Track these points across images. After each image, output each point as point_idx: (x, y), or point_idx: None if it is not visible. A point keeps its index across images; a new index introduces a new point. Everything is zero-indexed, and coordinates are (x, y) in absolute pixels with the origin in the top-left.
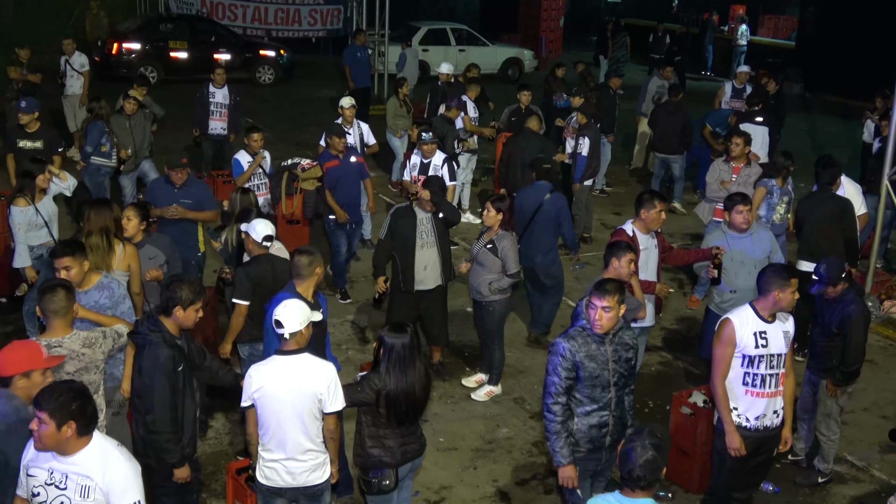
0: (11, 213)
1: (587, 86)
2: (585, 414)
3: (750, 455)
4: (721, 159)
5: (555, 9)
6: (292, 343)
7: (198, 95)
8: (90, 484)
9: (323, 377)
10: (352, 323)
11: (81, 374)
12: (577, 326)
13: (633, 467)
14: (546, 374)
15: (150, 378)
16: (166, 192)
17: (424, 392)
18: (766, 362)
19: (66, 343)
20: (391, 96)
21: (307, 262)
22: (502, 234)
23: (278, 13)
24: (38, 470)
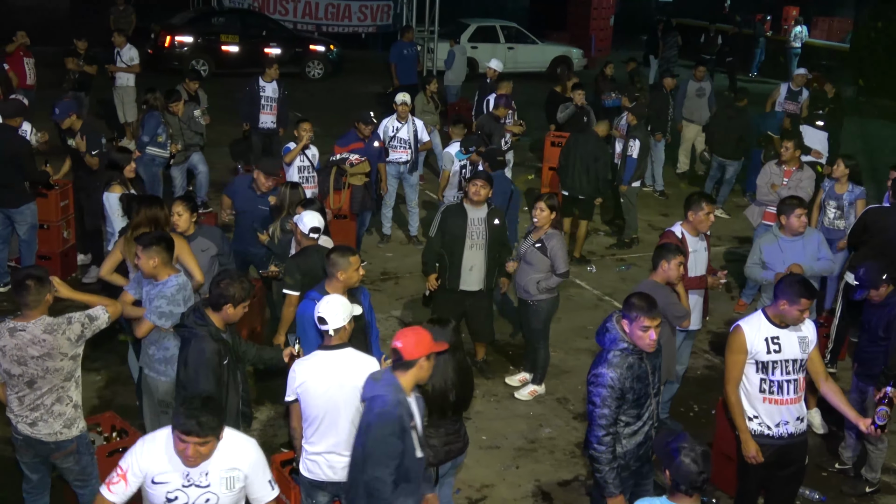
0: (108, 199)
1: (633, 86)
2: (632, 434)
3: (778, 464)
4: (773, 162)
5: (605, 7)
6: (336, 338)
7: (247, 89)
8: (235, 474)
9: (366, 372)
10: (397, 319)
11: (45, 360)
12: (616, 350)
13: (677, 471)
14: (592, 406)
15: (196, 371)
16: (248, 196)
17: (467, 387)
18: (781, 368)
19: (30, 328)
20: (419, 92)
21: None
22: (551, 233)
23: (328, 8)
24: (168, 476)
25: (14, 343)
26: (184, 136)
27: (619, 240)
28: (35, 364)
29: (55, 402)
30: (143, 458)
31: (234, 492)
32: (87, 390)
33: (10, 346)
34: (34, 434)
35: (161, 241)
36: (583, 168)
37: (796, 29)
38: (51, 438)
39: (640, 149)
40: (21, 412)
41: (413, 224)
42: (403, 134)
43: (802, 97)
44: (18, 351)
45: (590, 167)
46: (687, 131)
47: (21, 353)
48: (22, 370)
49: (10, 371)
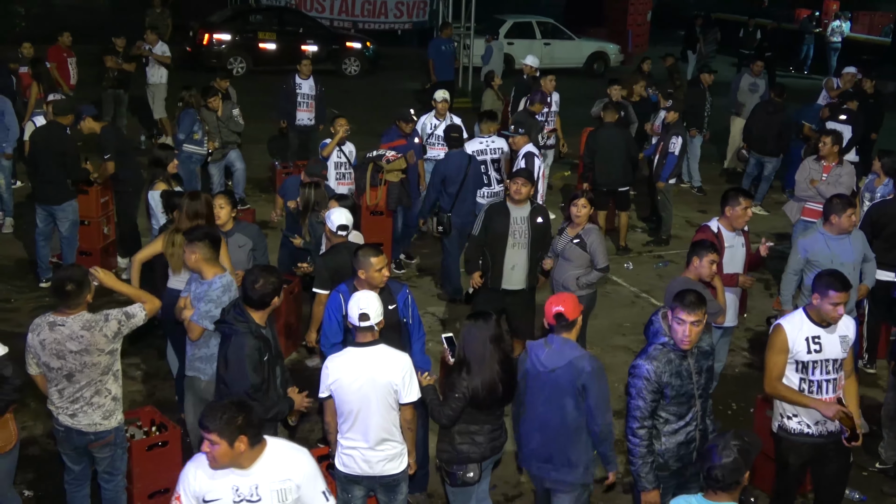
0: (153, 197)
1: (673, 82)
2: (673, 432)
3: (818, 462)
4: (812, 158)
5: (642, 2)
6: (369, 335)
7: (283, 87)
8: (288, 485)
9: (398, 368)
10: (433, 315)
11: (83, 355)
12: (657, 344)
13: (713, 467)
14: (629, 398)
15: (238, 368)
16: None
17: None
18: (821, 368)
19: (69, 323)
20: (487, 89)
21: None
22: (589, 228)
23: (365, 5)
24: (218, 492)
25: (53, 337)
26: (221, 134)
27: (655, 237)
28: (73, 358)
29: (94, 395)
30: (192, 480)
31: (289, 503)
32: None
33: (49, 340)
34: (74, 425)
35: (206, 237)
36: (618, 161)
37: (834, 23)
38: (90, 429)
39: (681, 146)
40: (61, 404)
41: None
42: (440, 131)
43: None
44: (57, 345)
45: (623, 159)
46: (735, 126)
47: (60, 348)
48: (61, 364)
49: (50, 364)
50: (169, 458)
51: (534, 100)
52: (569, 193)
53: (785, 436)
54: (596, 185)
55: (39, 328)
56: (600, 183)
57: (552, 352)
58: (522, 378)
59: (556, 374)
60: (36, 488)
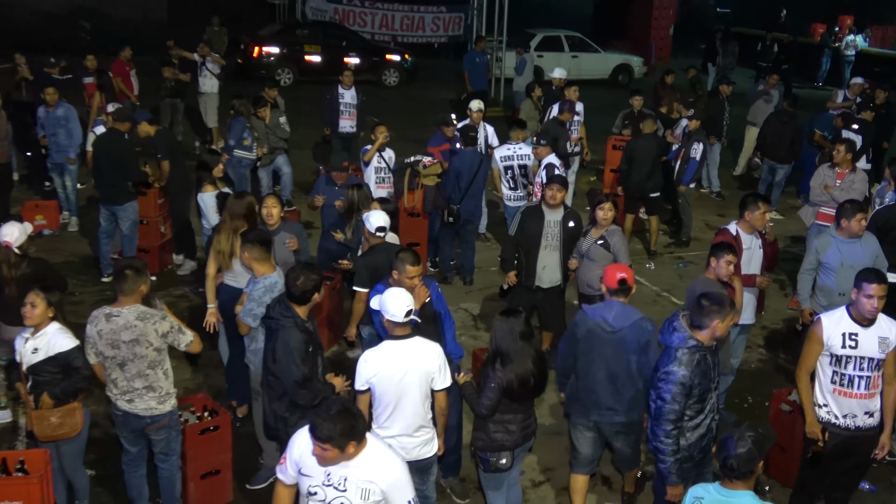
0: (203, 198)
1: (694, 92)
2: (695, 427)
3: (844, 454)
4: (826, 165)
5: (665, 17)
6: (407, 329)
7: (327, 97)
8: (372, 487)
9: (433, 358)
10: (466, 311)
11: (134, 346)
12: (685, 348)
13: (729, 456)
14: (661, 402)
15: (285, 361)
16: (329, 190)
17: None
18: (854, 364)
19: (124, 314)
20: (526, 98)
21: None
22: (613, 230)
23: (404, 20)
24: (312, 470)
25: (109, 328)
26: (269, 140)
27: (676, 239)
28: (126, 348)
29: (146, 384)
30: (296, 449)
31: (370, 502)
32: (180, 373)
33: (105, 329)
34: (132, 409)
35: (258, 239)
36: (649, 168)
37: (849, 37)
38: (147, 413)
39: (702, 153)
40: (118, 391)
41: (483, 222)
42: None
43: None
44: (113, 335)
45: (654, 166)
46: (749, 135)
47: (115, 337)
48: (115, 353)
49: (105, 353)
50: (220, 442)
51: (562, 109)
52: (594, 198)
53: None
54: (628, 190)
55: (97, 320)
56: (633, 188)
57: (617, 314)
58: (583, 339)
59: (623, 333)
60: (98, 468)
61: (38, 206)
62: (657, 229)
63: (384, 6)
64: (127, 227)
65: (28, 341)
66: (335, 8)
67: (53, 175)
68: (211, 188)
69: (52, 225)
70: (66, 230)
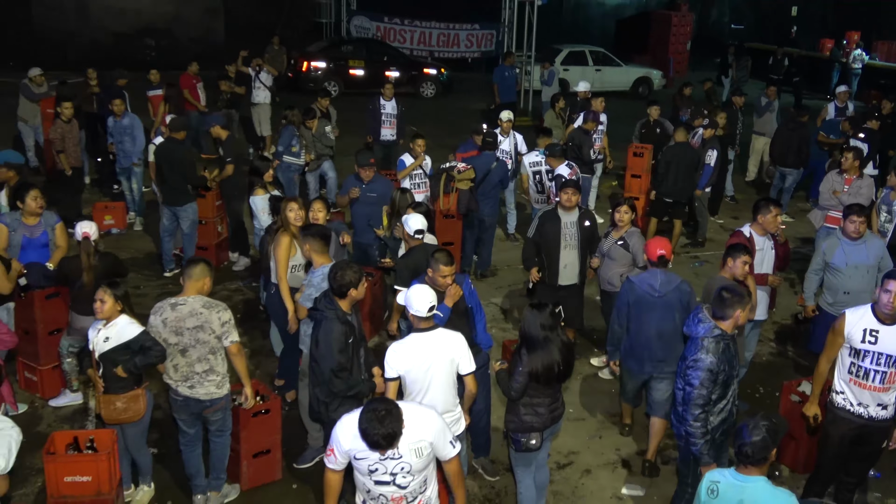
0: (254, 201)
1: (710, 103)
2: (719, 411)
3: (857, 442)
4: (835, 171)
5: (683, 33)
6: (431, 322)
7: (370, 107)
8: (422, 444)
9: (457, 346)
10: (496, 305)
11: (197, 332)
12: (710, 338)
13: (744, 444)
14: (690, 388)
15: (326, 349)
16: (357, 186)
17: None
18: (871, 358)
19: (189, 302)
20: (549, 109)
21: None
22: (632, 231)
23: (440, 37)
24: (365, 453)
25: (175, 315)
26: (316, 148)
27: (692, 239)
28: (189, 335)
29: (205, 369)
30: (342, 440)
31: (424, 458)
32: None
33: (171, 318)
34: (192, 395)
35: (318, 233)
36: (681, 175)
37: (856, 52)
38: (207, 397)
39: (717, 159)
40: (178, 377)
41: (511, 223)
42: (505, 146)
43: (849, 111)
44: (177, 322)
45: (686, 173)
46: (756, 143)
47: (179, 325)
48: (178, 339)
49: (168, 340)
50: (270, 424)
51: (587, 119)
52: (615, 201)
53: (830, 408)
54: (660, 194)
55: (161, 310)
56: (665, 193)
57: (662, 281)
58: (633, 304)
59: (668, 296)
60: (160, 446)
61: (107, 207)
62: (679, 234)
63: (422, 24)
64: (187, 227)
65: (100, 331)
66: (377, 26)
67: (121, 179)
68: (262, 191)
69: (120, 224)
70: (132, 229)
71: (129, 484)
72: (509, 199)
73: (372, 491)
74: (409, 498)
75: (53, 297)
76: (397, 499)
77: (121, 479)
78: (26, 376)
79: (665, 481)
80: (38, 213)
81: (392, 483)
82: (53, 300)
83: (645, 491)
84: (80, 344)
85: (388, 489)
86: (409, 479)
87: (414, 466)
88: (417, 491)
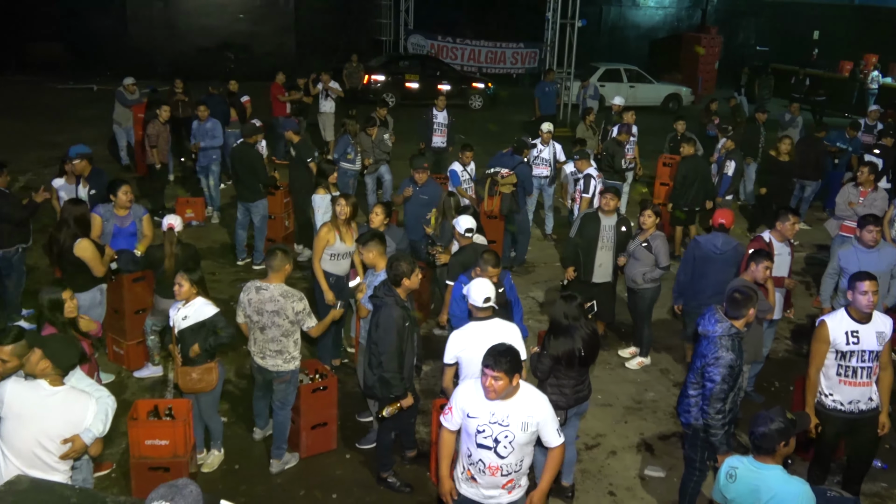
0: (315, 199)
1: (735, 119)
2: (730, 401)
3: (850, 433)
4: (851, 184)
5: (711, 54)
6: (489, 312)
7: (424, 117)
8: (530, 420)
9: (510, 335)
10: (534, 299)
11: (274, 316)
12: (726, 336)
13: (754, 433)
14: (711, 384)
15: (385, 331)
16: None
17: (593, 348)
18: (857, 357)
19: (271, 289)
20: (581, 122)
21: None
22: (656, 234)
23: (488, 54)
24: (478, 411)
25: (258, 298)
26: (374, 153)
27: None
28: (268, 316)
29: (277, 347)
30: (463, 397)
31: (528, 433)
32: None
33: (255, 299)
34: (263, 365)
35: (374, 238)
36: (699, 185)
37: (874, 73)
38: (274, 369)
39: (735, 169)
40: (255, 348)
41: (549, 224)
42: (545, 154)
43: (877, 129)
44: (259, 304)
45: (703, 184)
46: None
47: (261, 306)
48: (259, 318)
49: (252, 318)
50: (327, 399)
51: (621, 130)
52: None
53: (821, 409)
54: (676, 205)
55: (249, 290)
56: (684, 205)
57: (722, 242)
58: (698, 259)
59: (726, 254)
60: (230, 416)
61: (188, 202)
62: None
63: (472, 43)
64: (258, 221)
65: (180, 310)
66: (432, 43)
67: (201, 177)
68: (323, 191)
69: (199, 217)
70: (210, 222)
71: (201, 448)
72: (548, 204)
73: (473, 455)
74: (503, 470)
75: (139, 281)
76: (493, 468)
77: (195, 444)
78: (114, 350)
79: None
80: (128, 206)
81: (493, 450)
82: (139, 283)
83: (666, 473)
84: (162, 323)
85: (487, 455)
86: (509, 452)
87: (517, 438)
88: (512, 468)
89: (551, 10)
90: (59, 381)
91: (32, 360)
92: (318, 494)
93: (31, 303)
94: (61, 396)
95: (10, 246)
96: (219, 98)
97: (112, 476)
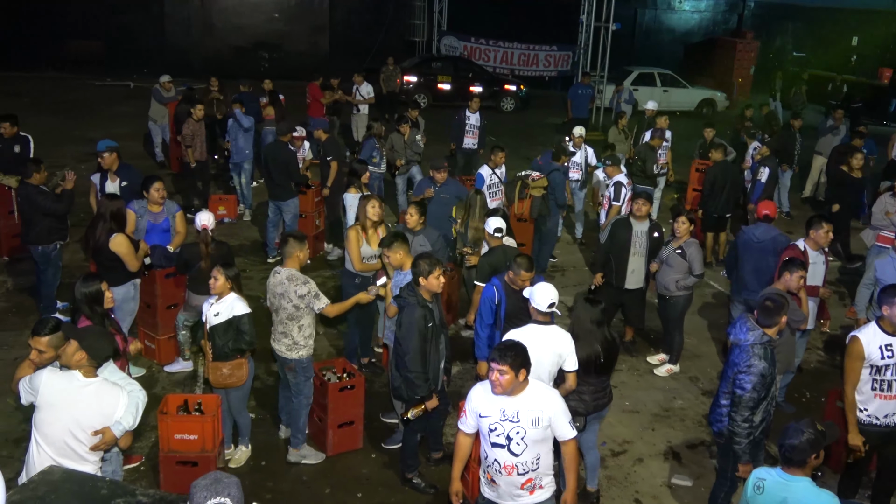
0: (346, 198)
1: (769, 125)
2: (761, 411)
3: (883, 445)
4: (888, 194)
5: (747, 59)
6: (549, 317)
7: (456, 118)
8: (541, 415)
9: (566, 343)
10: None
11: (280, 298)
12: (758, 345)
13: (783, 444)
14: (741, 391)
15: (408, 330)
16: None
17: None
18: (892, 370)
19: (281, 273)
20: (613, 126)
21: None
22: (690, 241)
23: (521, 56)
24: (489, 410)
25: (273, 281)
26: (406, 154)
27: None
28: (277, 299)
29: (283, 329)
30: (474, 399)
31: (540, 428)
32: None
33: (272, 282)
34: (276, 348)
35: (396, 239)
36: (728, 192)
37: None
38: (280, 354)
39: (769, 176)
40: (272, 331)
41: (579, 229)
42: (577, 158)
43: None
44: (273, 287)
45: (730, 190)
46: (815, 162)
47: (273, 289)
48: (273, 300)
49: (270, 300)
50: (355, 398)
51: (654, 135)
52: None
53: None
54: (706, 212)
55: (272, 274)
56: (712, 210)
57: (762, 231)
58: (741, 246)
59: (765, 243)
60: (258, 412)
61: (221, 199)
62: (724, 243)
63: (505, 45)
64: (289, 219)
65: (212, 306)
66: (464, 45)
67: (233, 174)
68: (354, 191)
69: (231, 214)
70: (242, 219)
71: (229, 444)
72: (578, 207)
73: (489, 457)
74: (519, 469)
75: (171, 276)
76: (509, 467)
77: (223, 439)
78: (146, 344)
79: (712, 474)
80: (161, 203)
81: (507, 448)
82: (171, 279)
83: (693, 482)
84: (194, 319)
85: (502, 454)
86: (523, 448)
87: (528, 434)
88: (529, 466)
89: (585, 12)
90: (93, 373)
91: (68, 352)
92: (342, 493)
93: (65, 296)
94: (94, 388)
95: (49, 242)
96: (250, 96)
97: (141, 469)
